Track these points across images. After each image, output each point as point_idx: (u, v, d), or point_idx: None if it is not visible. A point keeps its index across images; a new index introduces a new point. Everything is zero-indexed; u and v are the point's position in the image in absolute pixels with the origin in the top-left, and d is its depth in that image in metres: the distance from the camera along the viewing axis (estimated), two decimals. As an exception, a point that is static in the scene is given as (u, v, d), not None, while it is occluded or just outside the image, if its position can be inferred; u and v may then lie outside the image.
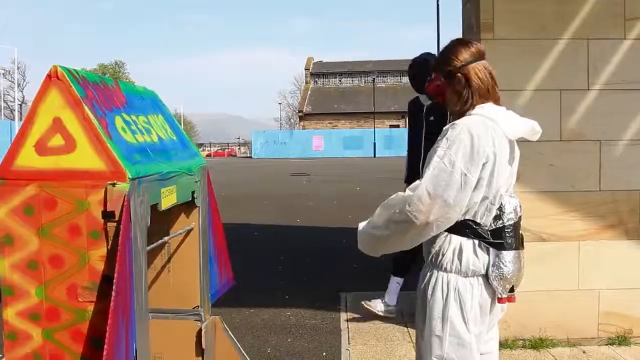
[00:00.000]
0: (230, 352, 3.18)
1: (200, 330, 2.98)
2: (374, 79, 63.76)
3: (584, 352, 4.26)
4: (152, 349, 2.48)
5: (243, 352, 3.21)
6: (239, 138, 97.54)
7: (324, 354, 4.55)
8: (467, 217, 2.32)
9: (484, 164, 2.26)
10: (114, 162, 2.10)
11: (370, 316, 5.20)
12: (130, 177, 2.10)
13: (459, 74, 2.39)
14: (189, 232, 3.00)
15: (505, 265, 2.32)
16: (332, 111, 65.64)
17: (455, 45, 2.45)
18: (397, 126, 63.22)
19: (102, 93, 2.34)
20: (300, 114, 67.50)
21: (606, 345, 4.35)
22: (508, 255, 2.33)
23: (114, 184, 2.07)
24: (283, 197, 16.97)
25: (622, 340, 4.34)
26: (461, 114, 2.40)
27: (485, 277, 2.36)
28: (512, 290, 2.39)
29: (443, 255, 2.36)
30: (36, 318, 2.14)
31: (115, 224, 2.07)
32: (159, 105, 2.92)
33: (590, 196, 4.32)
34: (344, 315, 5.40)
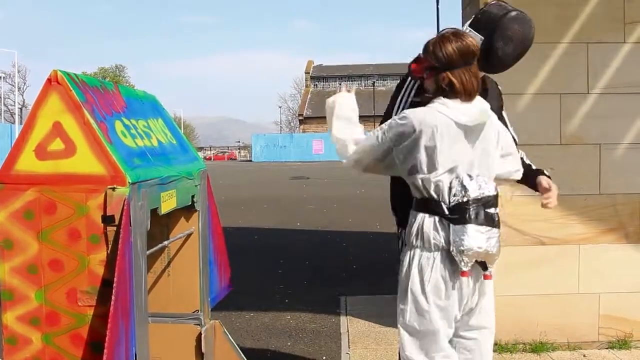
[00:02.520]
0: (230, 356, 3.18)
1: (200, 334, 2.98)
2: (374, 82, 63.81)
3: (584, 355, 4.25)
4: (151, 353, 2.48)
5: (243, 356, 3.21)
6: (239, 141, 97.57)
7: (324, 357, 4.55)
8: (426, 195, 2.47)
9: (413, 136, 2.43)
10: (114, 166, 2.10)
11: (370, 320, 5.20)
12: (130, 181, 2.11)
13: (444, 74, 2.48)
14: (188, 236, 3.00)
15: (463, 239, 2.38)
16: (332, 114, 65.61)
17: (447, 41, 2.50)
18: (397, 129, 63.22)
19: (102, 97, 2.34)
20: (301, 118, 67.54)
21: (606, 348, 4.34)
22: (468, 229, 2.39)
23: (113, 189, 2.08)
24: (283, 200, 16.97)
25: (622, 343, 4.34)
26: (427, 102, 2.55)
27: (448, 251, 2.45)
28: (485, 268, 2.48)
29: (409, 233, 2.53)
30: (36, 322, 2.14)
31: (115, 228, 2.07)
32: (158, 109, 2.92)
33: (590, 200, 4.32)
34: (344, 319, 5.39)
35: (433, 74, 2.51)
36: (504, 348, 4.30)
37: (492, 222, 2.47)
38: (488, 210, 2.46)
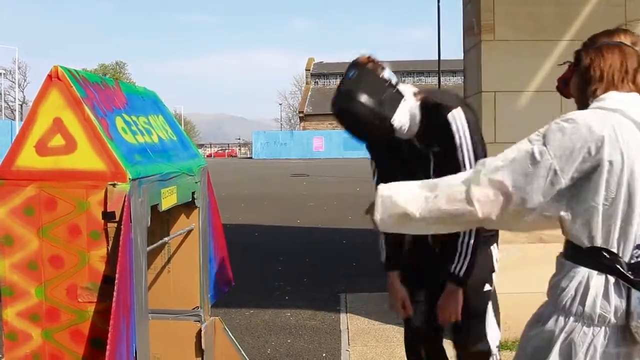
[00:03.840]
0: (230, 352, 3.18)
1: (200, 331, 2.98)
2: (375, 79, 63.73)
3: None
4: (152, 350, 2.48)
5: (243, 352, 3.21)
6: (239, 139, 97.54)
7: (324, 354, 4.55)
8: (596, 243, 1.77)
9: (595, 168, 1.72)
10: (115, 162, 2.10)
11: (370, 317, 5.20)
12: (130, 177, 2.10)
13: (586, 58, 1.96)
14: (189, 232, 3.00)
15: None
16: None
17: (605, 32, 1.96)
18: (398, 127, 63.21)
19: (102, 93, 2.34)
20: (301, 115, 67.50)
21: (606, 346, 4.34)
22: None
23: (114, 185, 2.08)
24: (283, 197, 16.97)
25: None
26: (583, 106, 1.95)
27: (622, 328, 1.75)
28: None
29: (563, 290, 1.84)
30: (36, 318, 2.14)
31: (115, 225, 2.07)
32: (159, 105, 2.92)
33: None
34: (343, 316, 5.39)
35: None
36: (503, 346, 4.30)
37: None
38: None
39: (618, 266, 1.74)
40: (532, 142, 1.83)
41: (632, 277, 1.72)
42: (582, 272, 1.78)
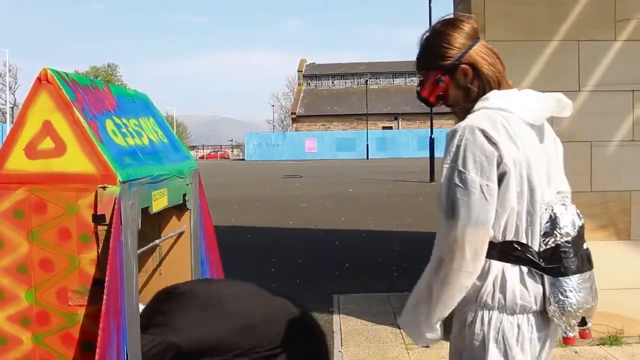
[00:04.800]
0: (222, 355, 3.17)
1: (192, 333, 2.97)
2: (367, 80, 63.87)
3: (575, 352, 4.27)
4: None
5: (235, 354, 3.20)
6: (231, 140, 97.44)
7: (317, 356, 4.55)
8: (507, 238, 1.83)
9: (504, 169, 1.79)
10: (105, 165, 2.09)
11: (363, 318, 5.20)
12: (120, 180, 2.10)
13: (464, 65, 1.92)
14: (180, 234, 2.99)
15: (567, 296, 1.81)
16: (325, 113, 65.70)
17: (446, 30, 1.94)
18: (390, 128, 63.35)
19: (92, 96, 2.33)
20: (293, 116, 67.51)
21: (598, 345, 4.36)
22: (569, 282, 1.82)
23: (104, 187, 2.07)
24: (276, 199, 16.96)
25: (613, 340, 4.36)
26: (469, 111, 1.92)
27: (541, 312, 1.85)
28: (583, 323, 1.91)
29: (481, 288, 1.83)
30: (26, 322, 2.12)
31: (105, 228, 2.06)
32: (150, 107, 2.92)
33: (581, 197, 4.32)
34: (336, 317, 5.39)
35: (451, 77, 1.95)
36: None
37: (590, 263, 1.94)
38: (585, 249, 1.94)
39: (529, 256, 1.82)
40: (454, 176, 1.81)
41: (543, 265, 1.82)
42: (497, 266, 1.82)
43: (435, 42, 1.96)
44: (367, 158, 54.68)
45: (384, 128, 63.09)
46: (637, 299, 4.38)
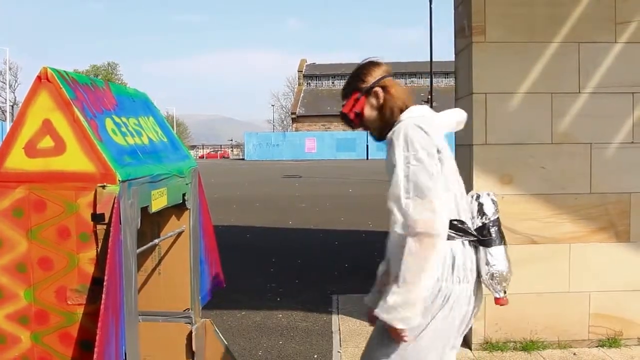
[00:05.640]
0: (221, 354, 3.17)
1: (190, 333, 2.97)
2: (367, 81, 63.77)
3: (574, 354, 4.27)
4: (142, 352, 2.47)
5: (234, 355, 3.20)
6: (231, 140, 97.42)
7: (315, 356, 4.55)
8: (451, 217, 2.21)
9: (442, 158, 2.20)
10: (104, 164, 2.09)
11: (362, 318, 5.20)
12: (120, 179, 2.10)
13: (377, 88, 2.40)
14: (179, 234, 2.99)
15: (499, 262, 2.24)
16: (325, 113, 65.66)
17: (367, 65, 2.47)
18: (390, 128, 63.32)
19: (92, 95, 2.33)
20: (293, 116, 67.49)
21: (596, 347, 4.36)
22: (497, 251, 2.25)
23: (103, 186, 2.07)
24: (275, 199, 16.95)
25: (612, 342, 4.36)
26: (387, 126, 2.36)
27: (477, 282, 2.26)
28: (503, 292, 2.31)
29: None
30: (25, 321, 2.12)
31: (105, 227, 2.06)
32: (149, 107, 2.91)
33: (580, 199, 4.34)
34: (335, 317, 5.39)
35: (367, 98, 2.43)
36: (494, 346, 4.31)
37: (506, 241, 2.35)
38: (500, 229, 2.34)
39: (469, 231, 2.25)
40: (411, 162, 2.16)
41: (480, 237, 2.25)
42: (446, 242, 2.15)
43: (357, 73, 2.48)
44: (367, 158, 54.67)
45: (384, 128, 63.03)
46: (636, 301, 4.38)
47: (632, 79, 4.32)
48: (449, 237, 2.17)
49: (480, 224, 2.29)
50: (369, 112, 2.43)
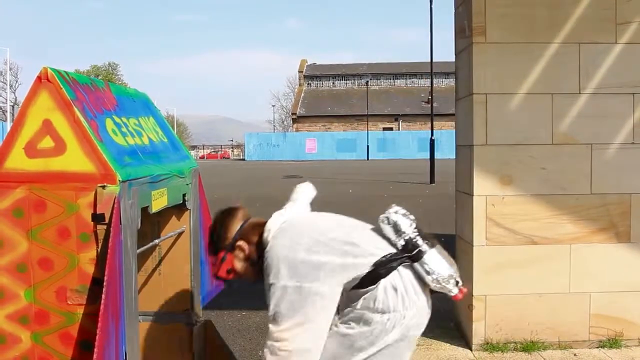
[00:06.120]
0: (221, 355, 3.17)
1: (190, 333, 2.98)
2: (368, 81, 63.87)
3: (575, 354, 4.27)
4: (142, 352, 2.47)
5: (234, 355, 3.20)
6: (232, 140, 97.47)
7: (316, 356, 4.54)
8: (375, 260, 2.27)
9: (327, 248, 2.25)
10: (104, 164, 2.09)
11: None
12: (120, 179, 2.10)
13: (239, 242, 2.42)
14: (180, 234, 2.99)
15: (438, 267, 2.29)
16: (326, 114, 65.69)
17: (223, 220, 2.48)
18: (391, 129, 63.33)
19: (92, 95, 2.33)
20: (294, 117, 67.51)
21: (597, 348, 4.36)
22: (432, 258, 2.29)
23: (104, 187, 2.07)
24: (276, 199, 16.90)
25: (613, 343, 4.35)
26: (260, 268, 2.36)
27: (426, 292, 2.33)
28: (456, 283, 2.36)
29: (375, 301, 2.25)
30: (25, 321, 2.13)
31: (105, 227, 2.06)
32: (150, 107, 2.91)
33: (581, 199, 4.33)
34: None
35: (234, 255, 2.46)
36: (495, 347, 4.31)
37: (433, 238, 2.42)
38: (423, 231, 2.41)
39: (395, 258, 2.28)
40: (276, 288, 2.24)
41: (409, 255, 2.29)
42: (383, 282, 2.24)
43: (216, 232, 2.47)
44: (368, 159, 54.67)
45: (384, 129, 63.07)
46: (637, 302, 4.38)
47: (632, 79, 4.32)
48: (384, 275, 2.25)
49: (403, 242, 2.32)
50: (240, 265, 2.46)
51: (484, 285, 4.32)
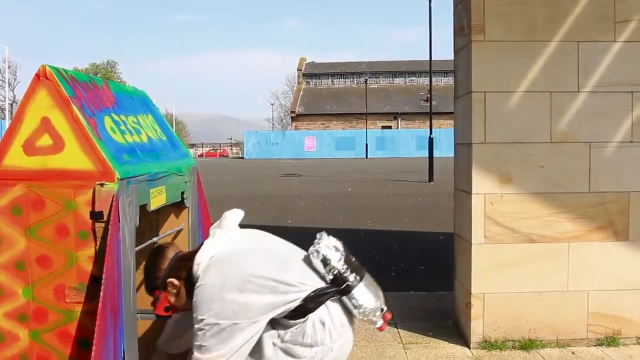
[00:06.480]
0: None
1: (189, 331, 2.97)
2: (366, 80, 63.88)
3: (573, 353, 4.27)
4: (140, 350, 2.47)
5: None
6: (231, 138, 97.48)
7: (314, 354, 4.55)
8: (306, 295, 2.34)
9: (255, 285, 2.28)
10: (103, 162, 2.09)
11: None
12: (118, 177, 2.10)
13: (169, 279, 2.43)
14: (178, 232, 2.99)
15: (362, 303, 2.40)
16: (325, 112, 65.68)
17: (153, 259, 2.49)
18: (389, 127, 63.33)
19: (91, 93, 2.33)
20: (293, 115, 67.50)
21: (595, 346, 4.36)
22: (359, 292, 2.40)
23: (102, 184, 2.07)
24: (275, 197, 16.95)
25: (611, 341, 4.36)
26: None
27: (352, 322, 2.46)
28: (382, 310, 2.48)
29: (304, 335, 2.35)
30: (23, 319, 2.13)
31: (103, 225, 2.06)
32: (148, 105, 2.91)
33: (579, 198, 4.33)
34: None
35: (167, 292, 2.46)
36: (493, 345, 4.31)
37: (363, 266, 2.50)
38: (354, 260, 2.48)
39: (324, 292, 2.37)
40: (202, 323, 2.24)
41: (338, 289, 2.39)
42: (312, 316, 2.35)
43: (148, 272, 2.49)
44: (366, 157, 54.69)
45: (383, 127, 63.08)
46: (635, 300, 4.39)
47: (631, 78, 4.32)
48: (312, 309, 2.34)
49: (332, 277, 2.39)
50: (176, 300, 2.47)
51: (483, 284, 4.32)
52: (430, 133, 23.40)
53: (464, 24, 4.44)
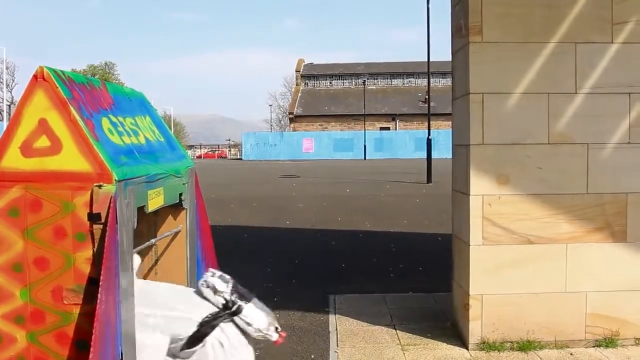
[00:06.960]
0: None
1: (187, 333, 2.96)
2: (365, 81, 63.85)
3: (571, 354, 4.27)
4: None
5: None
6: (229, 140, 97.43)
7: (312, 356, 4.55)
8: (199, 319, 2.53)
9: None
10: (100, 163, 2.09)
11: (359, 318, 5.20)
12: (116, 179, 2.09)
13: None
14: (176, 234, 2.99)
15: (256, 318, 2.63)
16: (323, 113, 65.64)
17: None
18: (388, 128, 63.31)
19: (88, 94, 2.33)
20: (291, 116, 67.47)
21: (593, 347, 4.36)
22: (249, 311, 2.62)
23: (100, 186, 2.07)
24: (273, 199, 16.94)
25: (609, 342, 4.36)
26: None
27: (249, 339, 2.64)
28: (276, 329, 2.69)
29: (207, 358, 2.53)
30: (21, 321, 2.12)
31: (101, 226, 2.06)
32: (146, 106, 2.91)
33: (577, 199, 4.34)
34: (332, 318, 5.39)
35: None
36: (491, 346, 4.32)
37: (247, 292, 2.74)
38: (236, 285, 2.72)
39: (216, 316, 2.57)
40: None
41: (229, 312, 2.59)
42: (210, 340, 2.53)
43: None
44: (365, 159, 54.66)
45: (381, 129, 63.05)
46: (633, 301, 4.39)
47: (628, 79, 4.33)
48: (209, 333, 2.53)
49: (223, 301, 2.60)
50: None
51: (481, 285, 4.32)
52: (429, 134, 23.39)
53: (462, 25, 4.45)
